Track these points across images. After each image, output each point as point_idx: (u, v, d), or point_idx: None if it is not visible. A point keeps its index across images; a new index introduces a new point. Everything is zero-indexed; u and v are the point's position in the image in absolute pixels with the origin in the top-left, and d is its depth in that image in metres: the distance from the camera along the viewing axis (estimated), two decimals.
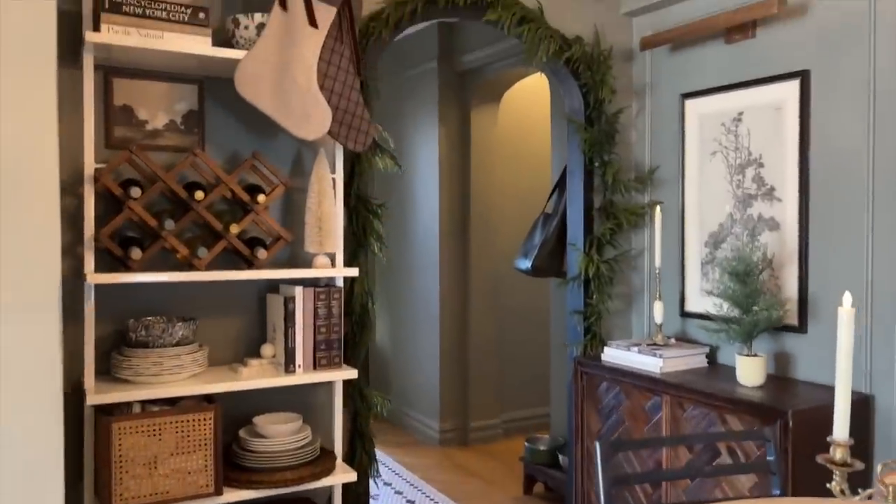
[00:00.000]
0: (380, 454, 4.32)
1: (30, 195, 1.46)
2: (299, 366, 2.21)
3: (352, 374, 2.28)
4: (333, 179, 2.34)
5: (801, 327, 2.47)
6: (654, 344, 2.75)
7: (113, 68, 2.16)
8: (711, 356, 2.77)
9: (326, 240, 2.29)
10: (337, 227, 2.32)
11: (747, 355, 2.41)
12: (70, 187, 2.08)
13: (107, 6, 1.92)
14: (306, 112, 2.08)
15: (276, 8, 2.09)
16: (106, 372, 2.10)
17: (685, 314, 2.92)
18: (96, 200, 2.05)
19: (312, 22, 2.08)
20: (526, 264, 3.48)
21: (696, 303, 2.87)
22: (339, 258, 2.34)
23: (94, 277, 1.91)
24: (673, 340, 2.82)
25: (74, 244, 2.08)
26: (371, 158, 2.50)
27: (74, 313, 2.04)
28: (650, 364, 2.60)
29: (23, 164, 1.45)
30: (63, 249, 2.06)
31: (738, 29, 2.68)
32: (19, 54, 1.44)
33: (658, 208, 2.85)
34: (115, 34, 1.92)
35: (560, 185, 3.47)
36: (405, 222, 4.75)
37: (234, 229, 2.09)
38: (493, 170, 4.51)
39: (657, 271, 2.83)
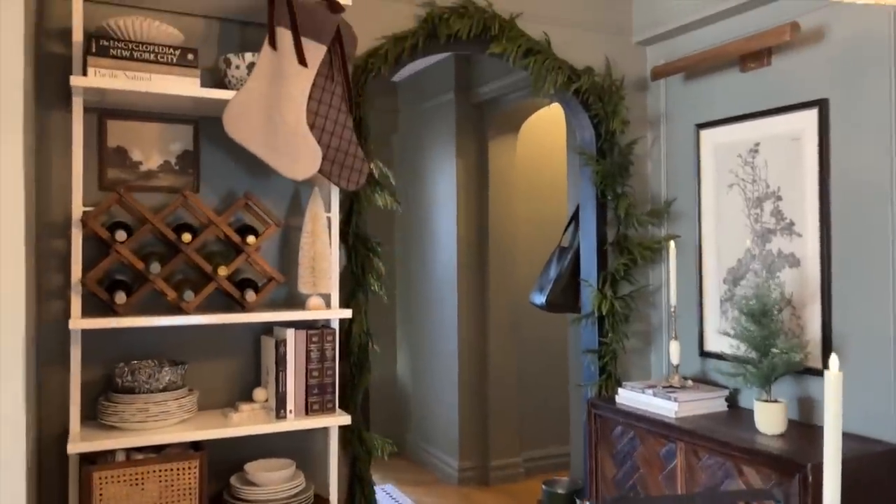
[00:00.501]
0: (397, 493, 4.24)
1: None
2: (290, 411, 2.14)
3: (345, 419, 2.20)
4: (329, 218, 2.29)
5: (826, 370, 2.31)
6: (670, 386, 2.61)
7: (107, 110, 2.16)
8: (732, 399, 2.62)
9: (320, 280, 2.23)
10: (331, 268, 2.26)
11: (766, 401, 2.26)
12: (61, 230, 2.08)
13: (94, 50, 1.91)
14: (295, 152, 2.04)
15: (266, 47, 2.06)
16: (94, 417, 2.06)
17: (704, 354, 2.78)
18: (88, 243, 2.04)
19: (302, 60, 2.05)
20: (540, 299, 3.38)
21: (715, 342, 2.73)
22: (334, 299, 2.28)
23: (77, 323, 1.88)
24: (690, 382, 2.67)
25: (64, 287, 2.06)
26: (370, 196, 2.45)
27: (63, 357, 2.02)
28: (665, 408, 2.47)
29: None
30: (54, 292, 2.06)
31: (753, 57, 2.56)
32: None
33: (672, 243, 2.73)
34: (101, 77, 1.91)
35: (576, 218, 3.37)
36: (424, 253, 4.69)
37: (223, 272, 2.05)
38: (511, 201, 4.43)
39: (672, 309, 2.70)
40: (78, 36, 1.97)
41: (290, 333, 2.14)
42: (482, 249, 4.38)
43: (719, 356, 2.69)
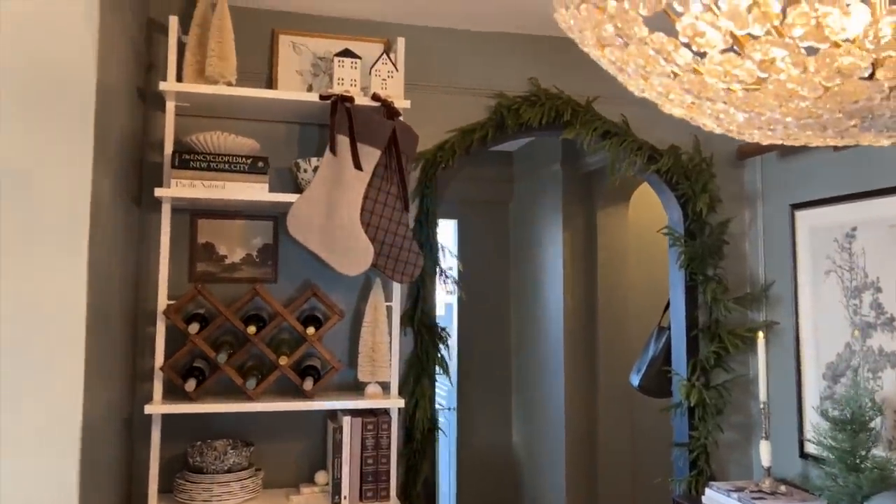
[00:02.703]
0: None
1: (56, 337, 1.66)
2: (345, 497, 2.22)
3: None
4: (389, 307, 2.39)
5: None
6: (760, 491, 2.40)
7: (197, 210, 2.42)
8: None
9: (378, 369, 2.32)
10: (391, 356, 2.34)
11: None
12: (155, 318, 2.34)
13: (176, 163, 2.17)
14: (348, 249, 2.17)
15: (328, 153, 2.22)
16: (171, 492, 2.27)
17: (805, 456, 2.52)
18: (173, 331, 2.28)
19: (357, 165, 2.18)
20: (636, 381, 3.24)
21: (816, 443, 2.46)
22: (393, 387, 2.35)
23: (152, 408, 2.11)
24: (783, 488, 2.43)
25: (152, 370, 2.31)
26: (432, 284, 2.52)
27: (146, 435, 2.25)
28: None
29: (50, 316, 1.66)
30: (147, 374, 2.31)
31: None
32: (54, 224, 1.68)
33: (761, 333, 2.53)
34: (182, 188, 2.16)
35: None
36: (534, 322, 4.66)
37: (284, 361, 2.20)
38: (622, 273, 4.29)
39: (763, 405, 2.48)
40: (168, 149, 2.25)
41: (346, 420, 2.24)
42: (590, 322, 4.27)
43: (822, 460, 2.42)
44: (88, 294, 1.71)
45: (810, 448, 2.49)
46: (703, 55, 0.71)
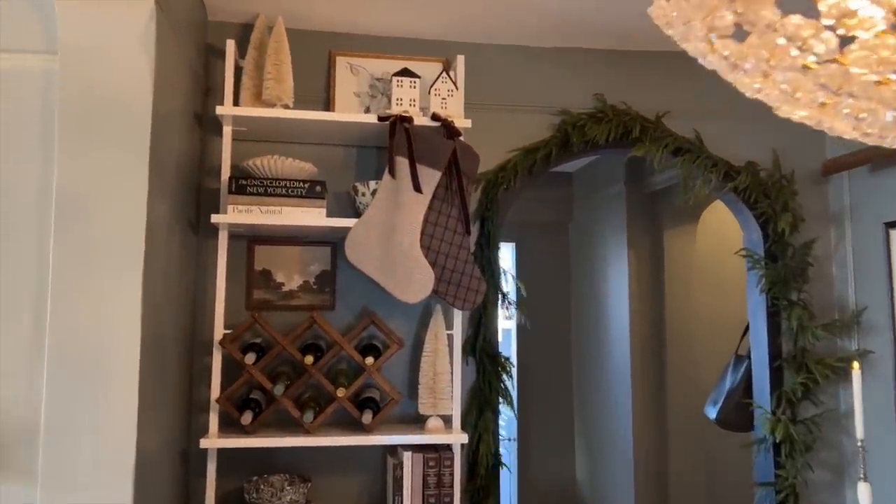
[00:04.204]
0: None
1: (110, 367, 1.61)
2: None
3: None
4: (451, 336, 2.27)
5: None
6: None
7: (255, 237, 2.37)
8: None
9: (440, 401, 2.20)
10: (452, 388, 2.23)
11: None
12: (212, 348, 2.28)
13: (233, 189, 2.12)
14: (408, 275, 2.07)
15: (386, 175, 2.14)
16: None
17: None
18: (230, 361, 2.21)
19: (417, 188, 2.09)
20: (713, 414, 3.03)
21: None
22: (455, 421, 2.23)
23: (207, 442, 2.03)
24: None
25: (208, 401, 2.25)
26: (494, 311, 2.39)
27: (202, 469, 2.18)
28: None
29: (103, 345, 1.61)
30: (204, 406, 2.25)
31: None
32: (108, 250, 1.63)
33: (855, 364, 2.31)
34: (238, 214, 2.11)
35: None
36: (598, 348, 4.47)
37: (342, 393, 2.11)
38: (692, 296, 4.08)
39: (860, 443, 2.26)
40: (226, 175, 2.21)
41: (406, 457, 2.13)
42: (658, 348, 4.07)
43: None
44: (143, 323, 1.65)
45: None
46: (849, 40, 0.59)
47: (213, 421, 2.14)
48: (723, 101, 2.67)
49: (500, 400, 2.37)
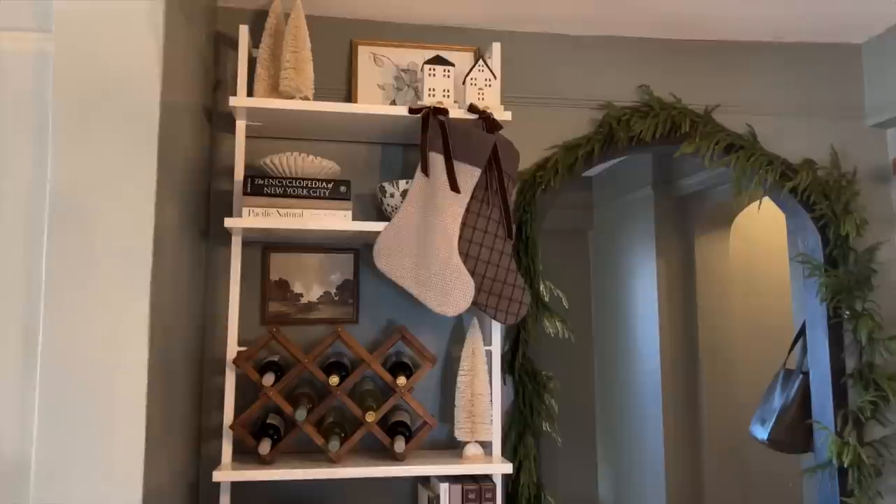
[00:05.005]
0: None
1: (114, 392, 1.38)
2: None
3: None
4: (489, 352, 2.05)
5: None
6: None
7: (270, 243, 2.15)
8: None
9: (479, 426, 1.98)
10: (492, 411, 2.00)
11: None
12: (223, 367, 2.05)
13: (248, 189, 1.90)
14: (446, 286, 1.85)
15: (419, 174, 1.92)
16: None
17: None
18: (244, 381, 1.99)
19: (454, 187, 1.87)
20: (762, 434, 2.80)
21: None
22: (496, 448, 2.00)
23: (220, 475, 1.80)
24: None
25: (221, 427, 2.02)
26: (536, 324, 2.17)
27: (212, 501, 1.95)
28: None
29: (106, 367, 1.38)
30: (215, 431, 2.02)
31: None
32: (112, 260, 1.41)
33: None
34: (254, 217, 1.88)
35: (803, 335, 2.78)
36: (623, 360, 4.24)
37: (371, 418, 1.88)
38: (726, 307, 3.85)
39: None
40: (239, 175, 1.99)
41: (443, 489, 1.89)
42: (691, 362, 3.84)
43: None
44: (151, 344, 1.43)
45: None
46: None
47: (227, 450, 1.91)
48: (775, 93, 2.47)
49: (543, 423, 2.14)
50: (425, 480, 2.06)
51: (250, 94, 2.04)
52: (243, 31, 2.02)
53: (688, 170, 3.78)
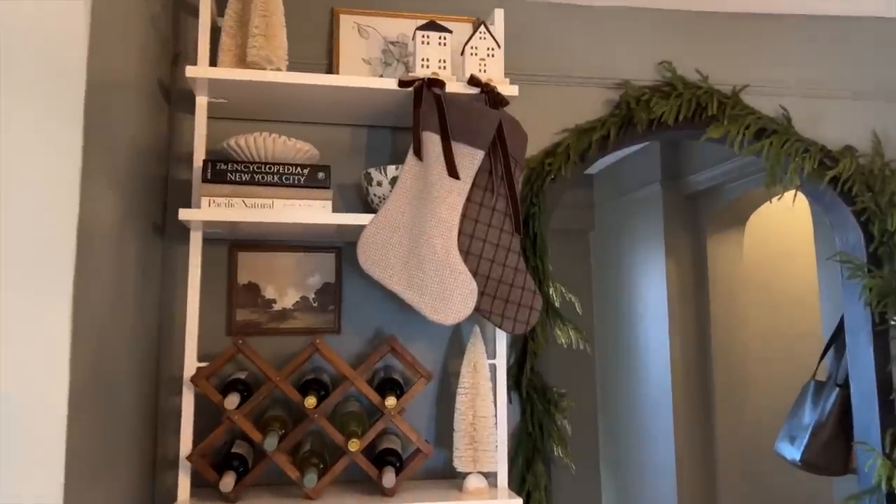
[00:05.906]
0: None
1: (24, 442, 1.08)
2: None
3: None
4: (493, 366, 1.76)
5: None
6: None
7: (238, 241, 1.85)
8: None
9: (482, 454, 1.68)
10: (497, 435, 1.71)
11: None
12: (178, 386, 1.76)
13: (209, 176, 1.60)
14: (443, 289, 1.55)
15: (410, 157, 1.63)
16: None
17: None
18: (205, 403, 1.69)
19: (453, 172, 1.58)
20: (793, 454, 2.52)
21: None
22: (501, 478, 1.71)
23: None
24: None
25: (177, 457, 1.71)
26: (543, 333, 1.88)
27: None
28: None
29: (14, 410, 1.08)
30: (172, 461, 1.72)
31: None
32: (24, 259, 1.11)
33: None
34: (214, 209, 1.59)
35: (837, 344, 2.52)
36: (629, 369, 3.96)
37: (355, 446, 1.58)
38: (741, 312, 3.58)
39: None
40: (199, 161, 1.69)
41: None
42: (704, 373, 3.56)
43: None
44: (74, 361, 1.13)
45: None
46: None
47: (184, 483, 1.60)
48: (810, 72, 2.21)
49: (554, 447, 1.85)
50: None
51: (213, 65, 1.74)
52: None
53: (698, 165, 3.52)
